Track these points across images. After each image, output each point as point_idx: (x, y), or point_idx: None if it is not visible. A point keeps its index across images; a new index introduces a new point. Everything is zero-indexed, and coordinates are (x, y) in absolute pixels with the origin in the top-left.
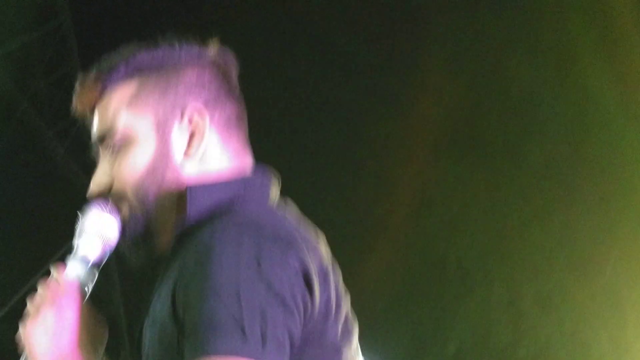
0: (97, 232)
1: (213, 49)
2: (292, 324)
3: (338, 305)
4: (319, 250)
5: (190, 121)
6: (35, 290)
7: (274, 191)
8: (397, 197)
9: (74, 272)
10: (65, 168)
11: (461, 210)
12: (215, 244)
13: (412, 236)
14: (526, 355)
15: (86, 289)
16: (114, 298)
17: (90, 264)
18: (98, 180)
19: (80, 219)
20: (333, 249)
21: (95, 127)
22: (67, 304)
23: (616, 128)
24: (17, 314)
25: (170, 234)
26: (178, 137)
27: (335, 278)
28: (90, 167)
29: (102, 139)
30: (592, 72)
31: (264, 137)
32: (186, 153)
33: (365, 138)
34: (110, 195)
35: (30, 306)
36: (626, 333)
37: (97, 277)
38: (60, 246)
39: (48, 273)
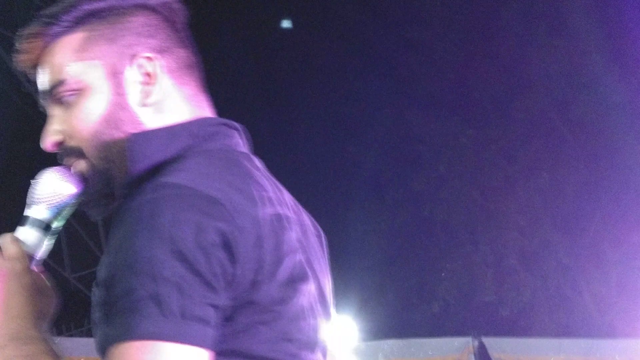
0: (46, 197)
1: None
2: (213, 297)
3: (301, 271)
4: (272, 211)
5: (142, 67)
6: None
7: (231, 142)
8: (384, 156)
9: (22, 238)
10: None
11: (447, 169)
12: (134, 216)
13: (400, 195)
14: (510, 312)
15: (36, 255)
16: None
17: (39, 229)
18: (51, 133)
19: (33, 186)
20: (320, 209)
21: (42, 80)
22: (9, 274)
23: (604, 89)
24: None
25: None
26: (131, 85)
27: (301, 239)
28: None
29: (51, 92)
30: (583, 33)
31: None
32: (141, 101)
33: (353, 95)
34: (65, 149)
35: None
36: (609, 290)
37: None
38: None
39: None
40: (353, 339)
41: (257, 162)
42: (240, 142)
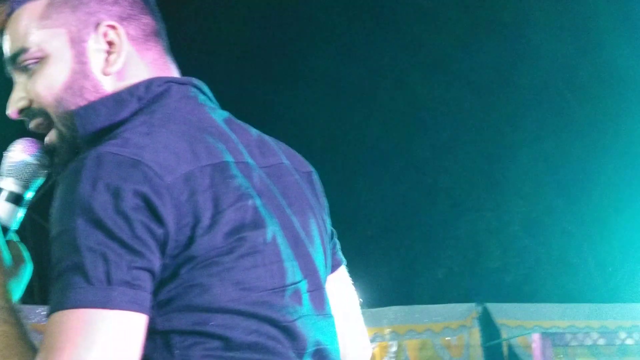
0: (16, 169)
1: None
2: (141, 261)
3: (255, 217)
4: (213, 161)
5: (105, 36)
6: None
7: (180, 97)
8: (388, 123)
9: None
10: None
11: (451, 136)
12: (60, 189)
13: (403, 162)
14: (514, 278)
15: (8, 226)
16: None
17: (11, 202)
18: (15, 100)
19: (4, 158)
20: (323, 177)
21: (7, 48)
22: None
23: (609, 52)
24: None
25: None
26: (94, 53)
27: (263, 183)
28: None
29: (15, 59)
30: None
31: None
32: (104, 70)
33: (356, 62)
34: (30, 112)
35: None
36: (613, 257)
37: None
38: None
39: None
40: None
41: (213, 112)
42: (190, 96)
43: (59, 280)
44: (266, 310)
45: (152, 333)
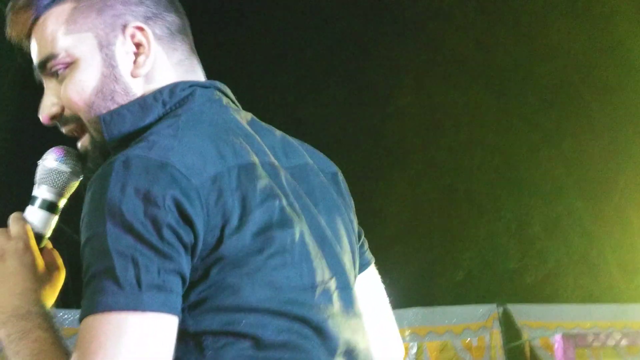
0: (50, 176)
1: None
2: (170, 264)
3: (282, 217)
4: (239, 163)
5: (132, 37)
6: None
7: (204, 101)
8: (407, 125)
9: (29, 219)
10: None
11: (470, 137)
12: (88, 194)
13: (422, 164)
14: (534, 279)
15: (43, 233)
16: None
17: (45, 209)
18: (47, 107)
19: (39, 166)
20: (346, 178)
21: (35, 54)
22: (11, 252)
23: (629, 51)
24: None
25: None
26: (123, 56)
27: (288, 183)
28: None
29: (44, 65)
30: None
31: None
32: (132, 72)
33: (375, 62)
34: (63, 119)
35: None
36: (635, 257)
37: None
38: None
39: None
40: None
41: (237, 114)
42: (215, 99)
43: (89, 285)
44: (297, 309)
45: (184, 335)
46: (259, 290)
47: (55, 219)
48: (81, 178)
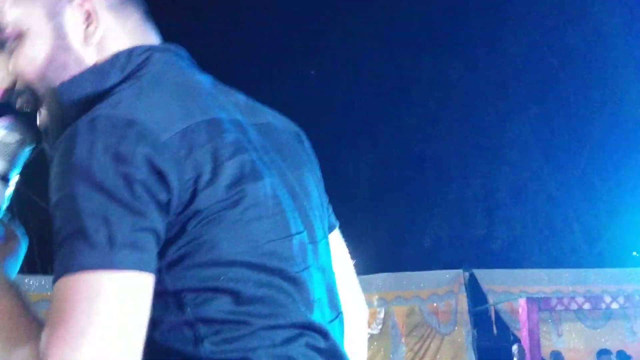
0: (1, 149)
1: None
2: (143, 222)
3: (252, 170)
4: (206, 118)
5: (81, 6)
6: None
7: (162, 63)
8: (374, 93)
9: None
10: None
11: (438, 104)
12: (56, 157)
13: (390, 131)
14: (501, 245)
15: None
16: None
17: None
18: None
19: None
20: (314, 145)
21: None
22: None
23: (595, 20)
24: None
25: None
26: (72, 24)
27: (256, 139)
28: None
29: None
30: None
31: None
32: (84, 41)
33: (341, 31)
34: (16, 92)
35: None
36: (598, 223)
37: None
38: None
39: None
40: None
41: (198, 74)
42: (173, 61)
43: (61, 247)
44: (275, 261)
45: (163, 294)
46: (236, 244)
47: (8, 190)
48: (33, 146)
